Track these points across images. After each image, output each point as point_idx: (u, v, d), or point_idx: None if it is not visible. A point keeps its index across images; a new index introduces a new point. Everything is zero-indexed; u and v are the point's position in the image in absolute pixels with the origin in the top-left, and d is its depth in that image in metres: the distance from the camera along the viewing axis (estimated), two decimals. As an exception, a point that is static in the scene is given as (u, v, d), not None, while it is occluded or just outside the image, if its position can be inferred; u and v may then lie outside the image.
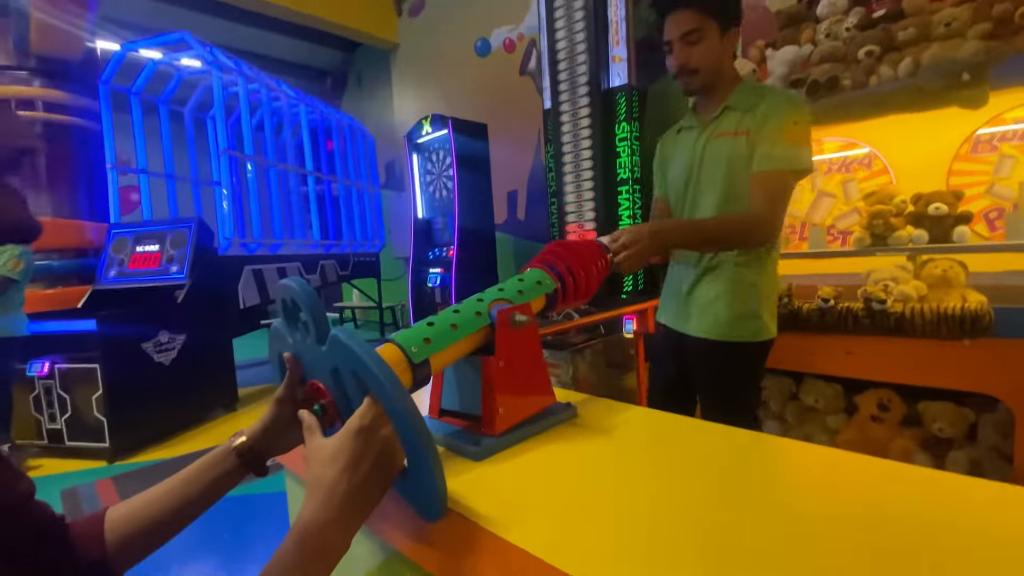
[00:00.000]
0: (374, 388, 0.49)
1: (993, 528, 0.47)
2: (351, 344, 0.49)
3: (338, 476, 0.46)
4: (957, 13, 1.84)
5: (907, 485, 0.57)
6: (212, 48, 3.79)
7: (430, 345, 0.63)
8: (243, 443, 0.59)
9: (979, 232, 2.05)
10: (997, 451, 1.78)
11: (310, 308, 0.55)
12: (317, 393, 0.57)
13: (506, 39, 4.81)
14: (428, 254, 4.49)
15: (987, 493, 0.54)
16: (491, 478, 0.63)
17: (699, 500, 0.55)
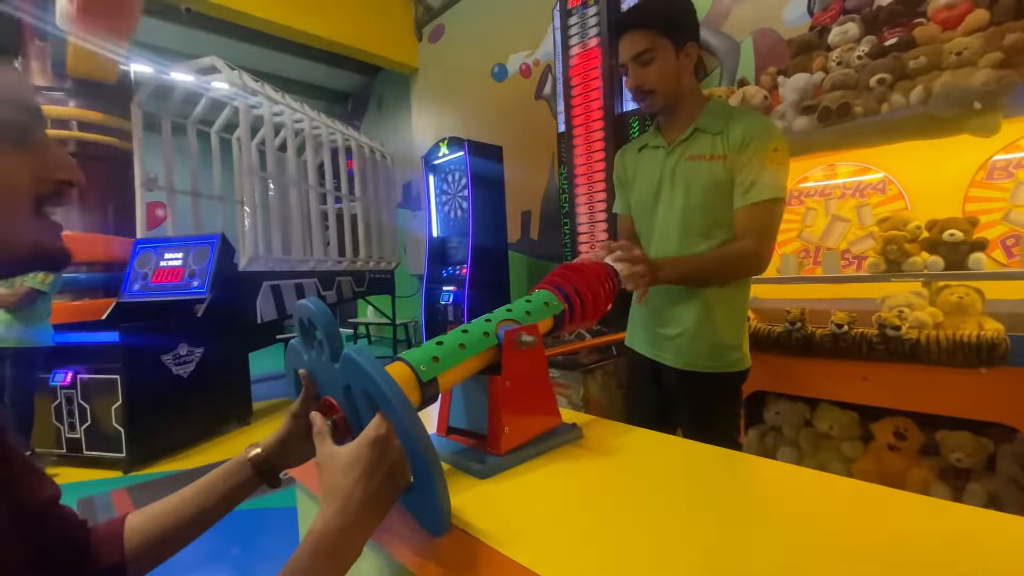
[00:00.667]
0: (383, 406, 0.51)
1: (1006, 563, 0.47)
2: (362, 362, 0.52)
3: (354, 484, 0.49)
4: (968, 42, 1.85)
5: (917, 515, 0.57)
6: (240, 72, 3.94)
7: (439, 364, 0.66)
8: (258, 455, 0.62)
9: (996, 259, 2.03)
10: (1016, 483, 1.73)
11: (325, 327, 0.58)
12: (330, 409, 0.59)
13: (522, 64, 4.92)
14: (442, 272, 4.54)
15: (1002, 526, 0.54)
16: (496, 496, 0.64)
17: (702, 523, 0.56)
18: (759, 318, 2.27)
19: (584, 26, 3.48)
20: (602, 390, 2.87)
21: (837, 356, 1.89)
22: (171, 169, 4.22)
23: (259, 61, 6.07)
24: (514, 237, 5.01)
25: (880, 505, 0.59)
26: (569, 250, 3.77)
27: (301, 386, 0.65)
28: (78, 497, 2.67)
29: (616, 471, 0.72)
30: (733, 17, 3.37)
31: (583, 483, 0.68)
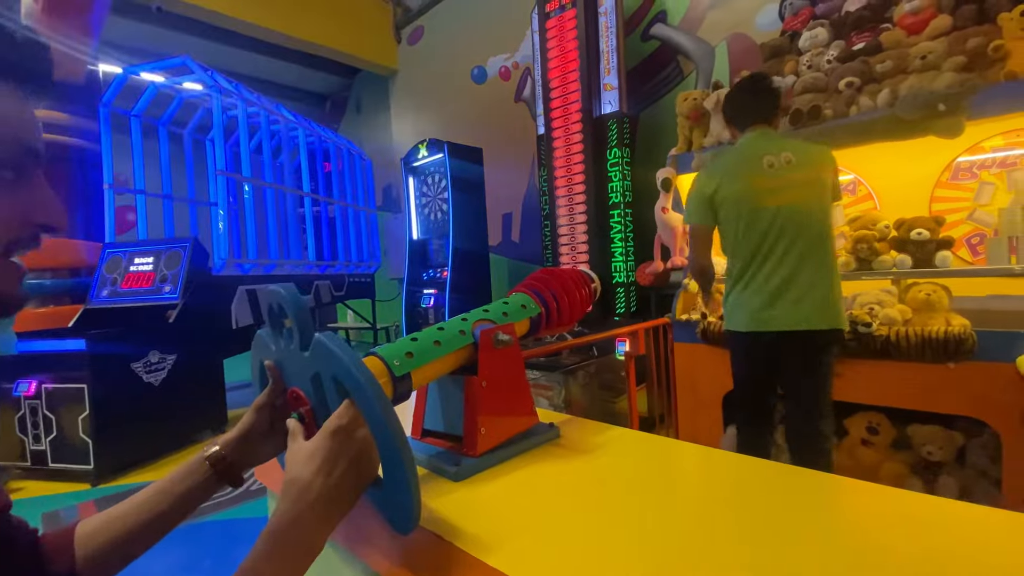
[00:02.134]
0: (353, 390, 0.49)
1: (974, 553, 0.48)
2: (333, 346, 0.50)
3: (313, 475, 0.46)
4: (933, 47, 1.91)
5: (885, 506, 0.58)
6: (213, 72, 3.86)
7: (412, 360, 0.64)
8: (216, 453, 0.58)
9: (962, 257, 2.10)
10: (986, 475, 1.78)
11: (296, 313, 0.55)
12: (297, 401, 0.57)
13: (502, 67, 4.93)
14: (422, 275, 4.51)
15: (971, 515, 0.55)
16: (470, 499, 0.63)
17: (679, 522, 0.56)
18: (736, 317, 2.30)
19: (562, 29, 3.50)
20: (584, 391, 2.88)
21: (811, 353, 1.92)
22: (141, 171, 4.11)
23: (234, 62, 5.96)
24: (495, 239, 5.00)
25: (853, 498, 0.60)
26: (550, 252, 3.78)
27: (267, 379, 0.62)
28: (43, 511, 2.56)
29: (593, 470, 0.72)
30: (708, 21, 3.43)
31: (560, 484, 0.67)
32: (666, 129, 3.38)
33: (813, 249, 1.54)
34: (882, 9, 2.17)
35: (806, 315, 1.52)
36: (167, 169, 4.38)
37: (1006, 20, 1.77)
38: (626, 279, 3.42)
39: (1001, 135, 2.03)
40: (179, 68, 3.88)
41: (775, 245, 1.56)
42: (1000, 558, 0.46)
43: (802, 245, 1.54)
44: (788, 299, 1.54)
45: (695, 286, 2.37)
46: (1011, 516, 0.52)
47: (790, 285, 1.54)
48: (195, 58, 3.85)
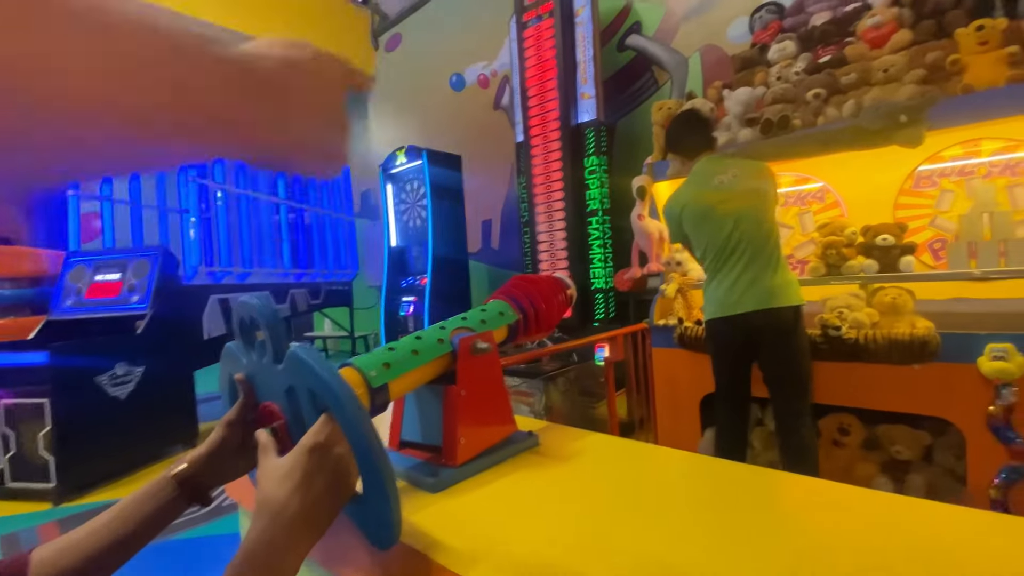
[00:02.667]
0: (331, 404, 0.48)
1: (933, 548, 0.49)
2: (308, 359, 0.49)
3: (289, 495, 0.45)
4: (894, 60, 1.99)
5: (854, 505, 0.59)
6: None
7: (390, 370, 0.63)
8: (183, 471, 0.55)
9: (925, 261, 2.18)
10: (952, 473, 1.84)
11: (269, 324, 0.54)
12: (270, 415, 0.55)
13: (480, 75, 4.95)
14: (401, 283, 4.47)
15: (937, 514, 0.57)
16: (450, 511, 0.62)
17: (659, 528, 0.56)
18: (712, 322, 2.34)
19: (540, 39, 3.54)
20: (564, 397, 2.89)
21: (785, 357, 1.96)
22: (108, 177, 3.99)
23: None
24: (475, 246, 4.99)
25: (831, 500, 0.61)
26: (529, 259, 3.80)
27: (237, 393, 0.60)
28: (1, 534, 2.44)
29: (572, 478, 0.72)
30: (682, 33, 3.51)
31: (539, 492, 0.67)
32: (642, 138, 3.43)
33: (762, 245, 1.80)
34: (846, 23, 2.26)
35: (762, 297, 1.77)
36: (135, 174, 4.26)
37: (963, 35, 1.85)
38: (605, 285, 3.46)
39: (960, 145, 2.12)
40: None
41: (735, 246, 1.82)
42: (969, 556, 0.47)
43: (754, 243, 1.80)
44: (747, 286, 1.79)
45: (672, 289, 2.41)
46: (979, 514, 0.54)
47: (746, 276, 1.80)
48: (165, 62, 3.77)
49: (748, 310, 1.78)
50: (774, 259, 1.81)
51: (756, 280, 1.79)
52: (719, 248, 1.86)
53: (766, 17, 2.65)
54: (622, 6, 3.81)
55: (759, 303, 1.77)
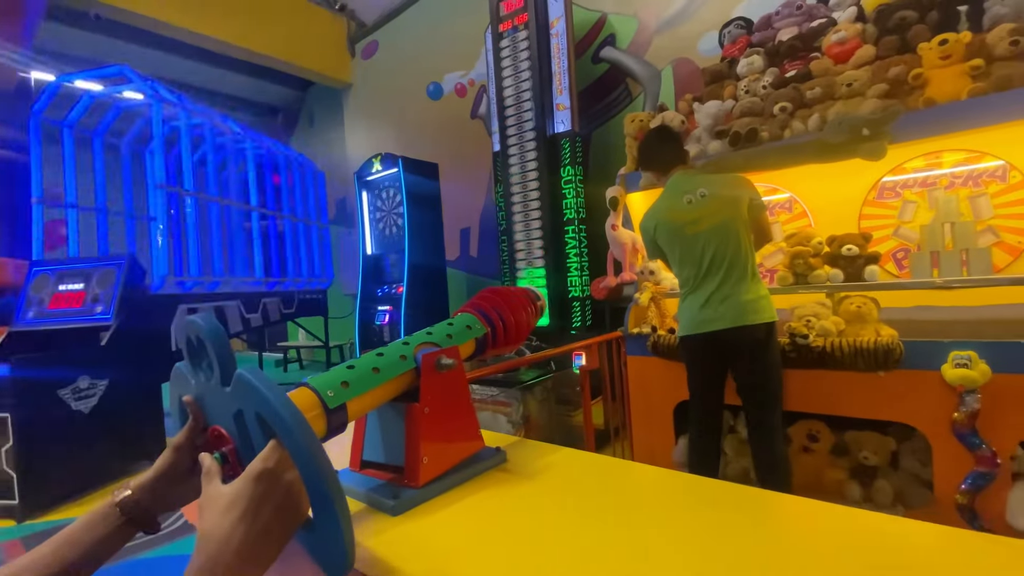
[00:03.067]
0: (278, 428, 0.46)
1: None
2: (255, 382, 0.47)
3: (233, 525, 0.43)
4: (857, 75, 2.05)
5: (825, 524, 0.59)
6: (154, 82, 3.69)
7: (348, 389, 0.62)
8: (128, 497, 0.53)
9: (889, 270, 2.24)
10: (919, 479, 1.88)
11: (215, 346, 0.52)
12: (218, 440, 0.53)
13: (457, 84, 4.95)
14: (377, 291, 4.42)
15: (882, 526, 0.57)
16: (410, 534, 0.60)
17: (627, 546, 0.55)
18: (686, 331, 2.37)
19: (515, 50, 3.56)
20: (541, 406, 2.88)
21: (755, 365, 1.99)
22: (73, 184, 3.86)
23: (182, 72, 5.74)
24: (453, 254, 4.97)
25: (801, 515, 0.62)
26: (507, 267, 3.79)
27: (187, 415, 0.58)
28: (-49, 558, 2.31)
29: (540, 494, 0.71)
30: (655, 46, 3.57)
31: (505, 512, 0.66)
32: (616, 148, 3.47)
33: (734, 261, 1.82)
34: (812, 39, 2.32)
35: (736, 315, 1.79)
36: (102, 182, 4.13)
37: (925, 50, 1.92)
38: (581, 293, 3.47)
39: (922, 157, 2.20)
40: (117, 77, 3.69)
41: (709, 264, 1.85)
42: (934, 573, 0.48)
43: (728, 259, 1.82)
44: (720, 303, 1.82)
45: (646, 298, 2.43)
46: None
47: (720, 293, 1.82)
48: (140, 68, 3.67)
49: (721, 327, 1.80)
50: (747, 274, 1.82)
51: (729, 297, 1.81)
52: (693, 264, 1.88)
53: (735, 32, 2.71)
54: (596, 19, 3.86)
55: (733, 320, 1.78)
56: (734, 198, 1.85)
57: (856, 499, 1.91)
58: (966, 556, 0.49)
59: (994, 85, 1.73)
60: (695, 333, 1.87)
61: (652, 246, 2.05)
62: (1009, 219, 2.02)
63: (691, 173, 1.98)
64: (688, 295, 1.93)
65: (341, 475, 0.75)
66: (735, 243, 1.83)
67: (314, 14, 5.76)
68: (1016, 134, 1.86)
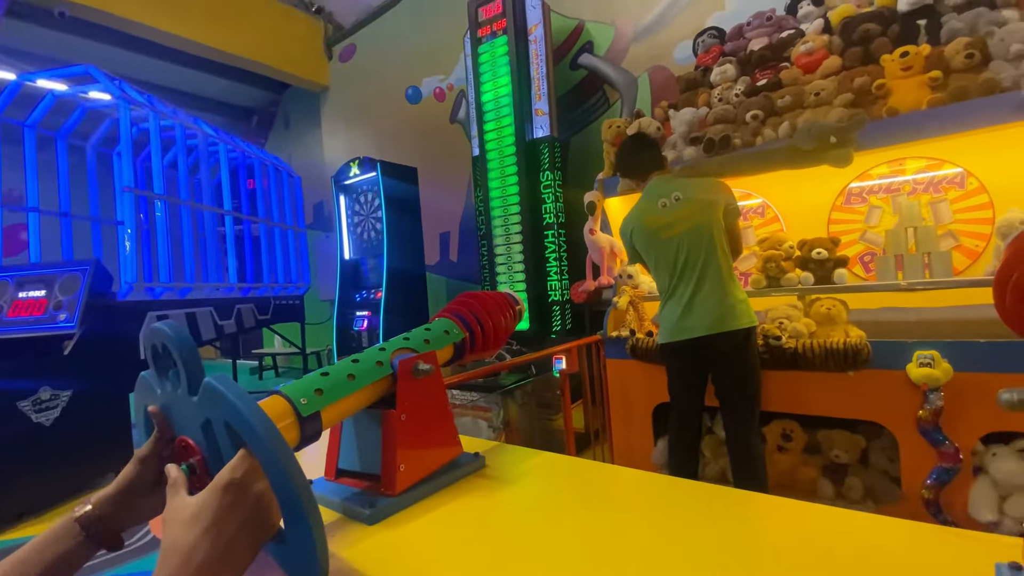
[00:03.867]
0: (247, 437, 0.45)
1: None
2: (223, 390, 0.46)
3: (198, 538, 0.41)
4: (825, 84, 2.12)
5: (798, 521, 0.60)
6: (121, 82, 3.59)
7: (322, 397, 0.61)
8: (88, 513, 0.51)
9: (857, 273, 2.31)
10: (887, 475, 1.94)
11: (182, 353, 0.51)
12: (186, 451, 0.51)
13: (436, 88, 4.94)
14: (355, 296, 4.37)
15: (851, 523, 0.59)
16: (387, 544, 0.60)
17: (606, 550, 0.55)
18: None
19: (494, 55, 3.57)
20: (522, 411, 2.88)
21: (731, 367, 2.02)
22: (35, 187, 3.72)
23: (152, 73, 5.59)
24: (432, 259, 4.94)
25: (774, 514, 0.63)
26: (487, 272, 3.79)
27: (152, 426, 0.56)
28: None
29: (519, 499, 0.71)
30: (631, 54, 3.63)
31: (483, 518, 0.65)
32: (594, 154, 3.50)
33: (709, 264, 1.83)
34: (781, 49, 2.39)
35: (714, 320, 1.79)
36: (66, 185, 3.99)
37: (887, 62, 1.99)
38: (561, 297, 3.49)
39: (886, 164, 2.28)
40: (82, 77, 3.57)
41: (683, 267, 1.86)
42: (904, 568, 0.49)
43: (701, 263, 1.83)
44: (698, 309, 1.82)
45: (624, 301, 2.46)
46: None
47: (697, 297, 1.83)
48: (109, 68, 3.56)
49: (700, 335, 1.80)
50: (723, 279, 1.83)
51: (706, 302, 1.81)
52: (668, 268, 1.89)
53: (708, 41, 2.77)
54: (574, 26, 3.90)
55: (711, 327, 1.79)
56: (709, 202, 1.86)
57: (828, 496, 1.96)
58: (930, 550, 0.51)
59: (951, 96, 1.80)
60: (675, 340, 1.88)
61: (631, 251, 2.06)
62: (967, 224, 2.11)
63: (667, 178, 2.00)
64: (667, 300, 1.93)
65: (315, 484, 0.74)
66: (708, 246, 1.84)
67: (289, 16, 5.69)
68: (972, 142, 1.94)
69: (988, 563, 0.43)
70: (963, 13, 1.96)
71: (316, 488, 0.73)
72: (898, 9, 2.12)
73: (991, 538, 0.50)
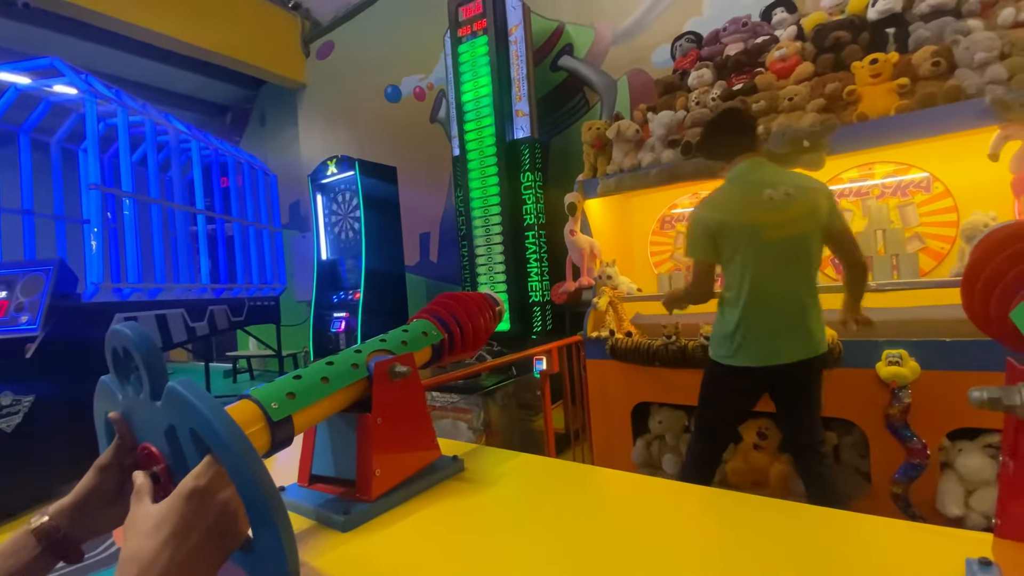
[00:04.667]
0: (213, 443, 0.43)
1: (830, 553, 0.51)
2: (188, 395, 0.44)
3: (159, 548, 0.39)
4: (798, 90, 2.16)
5: (757, 513, 0.61)
6: (88, 76, 3.47)
7: (294, 401, 0.59)
8: (44, 524, 0.48)
9: (828, 275, 2.36)
10: (858, 471, 1.99)
11: (144, 356, 0.48)
12: (149, 459, 0.49)
13: (416, 87, 4.91)
14: (332, 297, 4.30)
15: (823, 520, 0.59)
16: (361, 551, 0.58)
17: (588, 554, 0.55)
18: (640, 333, 2.42)
19: (474, 55, 3.56)
20: (503, 412, 2.87)
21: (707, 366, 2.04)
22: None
23: (120, 67, 5.42)
24: (412, 259, 4.90)
25: (749, 510, 0.63)
26: (468, 272, 3.77)
27: (113, 433, 0.53)
28: None
29: (497, 503, 0.70)
30: (611, 56, 3.66)
31: (462, 523, 0.64)
32: (575, 155, 3.52)
33: (808, 281, 1.60)
34: (756, 55, 2.44)
35: (807, 345, 1.59)
36: (29, 181, 3.85)
37: (858, 68, 2.04)
38: (542, 298, 3.49)
39: (856, 168, 2.34)
40: (47, 70, 3.44)
41: (780, 278, 1.58)
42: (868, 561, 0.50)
43: (800, 277, 1.59)
44: (789, 330, 1.59)
45: (604, 302, 2.47)
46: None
47: (790, 316, 1.59)
48: (75, 62, 3.44)
49: (789, 361, 1.57)
50: (815, 299, 1.61)
51: (799, 324, 1.58)
52: (763, 278, 1.58)
53: (685, 46, 2.81)
54: (554, 28, 3.92)
55: (803, 352, 1.57)
56: (817, 206, 1.58)
57: (802, 493, 1.99)
58: (901, 546, 0.52)
59: (918, 102, 1.86)
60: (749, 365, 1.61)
61: (705, 241, 1.66)
62: (933, 227, 2.18)
63: (762, 162, 1.68)
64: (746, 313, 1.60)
65: (289, 491, 0.72)
66: (809, 261, 1.60)
67: (266, 11, 5.58)
68: (938, 148, 2.01)
69: (958, 558, 0.44)
70: (930, 22, 2.02)
71: (289, 495, 0.71)
72: (868, 18, 2.18)
73: (961, 533, 0.51)
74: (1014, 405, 0.37)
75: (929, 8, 2.05)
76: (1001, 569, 0.41)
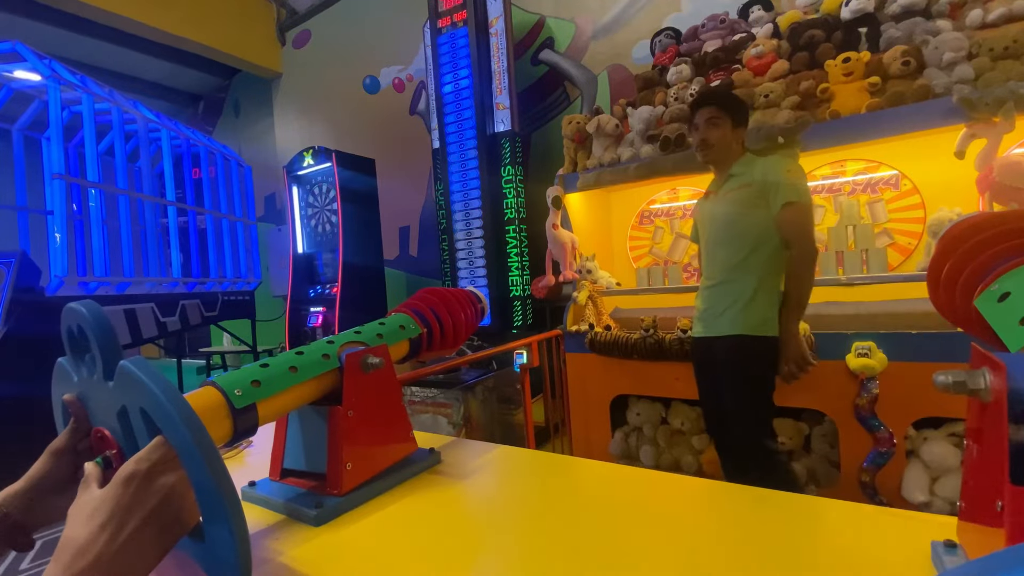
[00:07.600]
0: (162, 423, 0.41)
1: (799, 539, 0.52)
2: (139, 373, 0.42)
3: (94, 534, 0.37)
4: (773, 87, 2.20)
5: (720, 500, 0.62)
6: (51, 61, 3.33)
7: (259, 389, 0.57)
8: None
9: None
10: (828, 460, 2.04)
11: (98, 335, 0.46)
12: (102, 443, 0.47)
13: (395, 79, 4.84)
14: (309, 292, 4.23)
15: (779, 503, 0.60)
16: (332, 546, 0.57)
17: (564, 546, 0.54)
18: (619, 327, 2.44)
19: (454, 47, 3.53)
20: (483, 406, 2.86)
21: (684, 359, 2.08)
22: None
23: (85, 52, 5.22)
24: (391, 253, 4.85)
25: (725, 498, 0.64)
26: (448, 267, 3.75)
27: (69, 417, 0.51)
28: None
29: (473, 495, 0.69)
30: (591, 51, 3.66)
31: (436, 516, 0.64)
32: (555, 150, 3.52)
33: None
34: (734, 51, 2.46)
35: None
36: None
37: (831, 67, 2.08)
38: (522, 292, 3.49)
39: (828, 165, 2.39)
40: (8, 54, 3.29)
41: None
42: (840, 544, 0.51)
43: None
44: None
45: (584, 296, 2.48)
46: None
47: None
48: (38, 47, 3.30)
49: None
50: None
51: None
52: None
53: (664, 41, 2.83)
54: (535, 21, 3.90)
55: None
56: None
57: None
58: (869, 530, 0.53)
59: (889, 101, 1.90)
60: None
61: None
62: (901, 223, 2.24)
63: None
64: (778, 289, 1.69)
65: (260, 485, 0.70)
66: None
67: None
68: (906, 146, 2.07)
69: (924, 541, 0.45)
70: (901, 22, 2.07)
71: (261, 489, 0.69)
72: (841, 17, 2.22)
73: (927, 517, 0.53)
74: (978, 389, 0.37)
75: (900, 8, 2.09)
76: (965, 550, 0.42)
